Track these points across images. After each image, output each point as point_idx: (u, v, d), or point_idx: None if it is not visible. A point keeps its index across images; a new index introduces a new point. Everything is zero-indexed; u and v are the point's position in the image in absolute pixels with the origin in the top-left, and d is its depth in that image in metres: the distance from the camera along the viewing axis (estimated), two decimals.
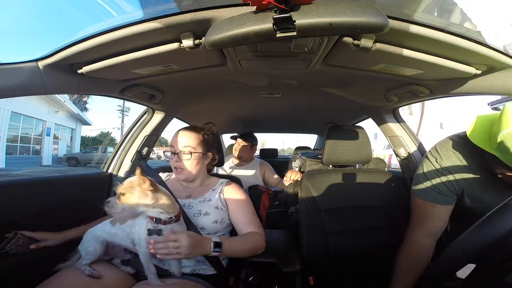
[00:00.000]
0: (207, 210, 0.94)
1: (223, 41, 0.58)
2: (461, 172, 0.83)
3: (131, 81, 1.04)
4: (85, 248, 0.84)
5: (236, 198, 1.00)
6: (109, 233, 0.86)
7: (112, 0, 0.71)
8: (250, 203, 1.03)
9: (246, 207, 1.00)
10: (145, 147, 1.50)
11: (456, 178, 0.83)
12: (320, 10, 0.53)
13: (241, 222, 0.97)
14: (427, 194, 0.87)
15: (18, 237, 0.84)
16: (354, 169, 1.32)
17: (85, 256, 0.82)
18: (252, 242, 0.92)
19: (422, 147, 1.44)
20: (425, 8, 0.67)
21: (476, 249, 0.48)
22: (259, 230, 0.96)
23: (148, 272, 0.79)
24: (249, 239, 0.92)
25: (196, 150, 0.98)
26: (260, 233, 0.96)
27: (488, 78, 0.84)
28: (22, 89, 0.76)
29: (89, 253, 0.83)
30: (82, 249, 0.85)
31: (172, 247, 0.72)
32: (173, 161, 0.98)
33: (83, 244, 0.86)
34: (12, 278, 0.89)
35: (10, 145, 11.95)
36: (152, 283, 0.78)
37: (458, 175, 0.83)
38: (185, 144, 0.97)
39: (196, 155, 0.98)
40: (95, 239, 0.86)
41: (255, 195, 1.83)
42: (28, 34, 12.28)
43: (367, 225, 1.14)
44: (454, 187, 0.84)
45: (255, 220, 0.99)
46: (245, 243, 0.91)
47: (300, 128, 3.06)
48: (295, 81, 1.18)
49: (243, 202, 1.01)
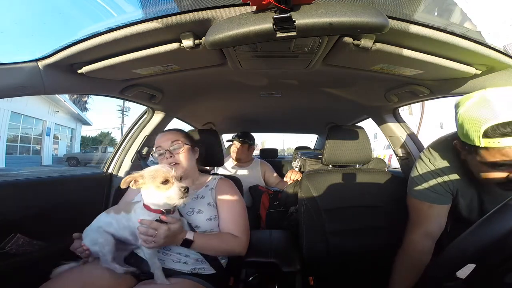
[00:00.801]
0: (200, 208, 0.94)
1: (223, 41, 0.58)
2: (454, 172, 0.84)
3: (131, 81, 1.04)
4: (93, 242, 0.79)
5: (226, 195, 1.01)
6: (104, 222, 0.83)
7: (112, 0, 0.71)
8: (240, 204, 1.02)
9: (235, 207, 0.99)
10: (145, 147, 1.50)
11: (450, 177, 0.84)
12: (320, 10, 0.53)
13: (225, 220, 0.96)
14: (423, 194, 0.87)
15: (18, 237, 0.84)
16: (354, 169, 1.32)
17: (103, 251, 0.78)
18: (228, 247, 0.91)
19: (422, 147, 1.43)
20: (425, 8, 0.67)
21: (476, 249, 0.48)
22: (241, 235, 0.94)
23: (154, 267, 0.78)
24: (226, 242, 0.91)
25: (186, 142, 1.02)
26: (240, 239, 0.94)
27: (488, 78, 0.84)
28: (22, 89, 0.76)
29: (103, 245, 0.79)
30: (91, 245, 0.79)
31: (150, 234, 0.75)
32: (165, 159, 0.98)
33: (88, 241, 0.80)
34: (12, 278, 0.89)
35: (10, 145, 11.95)
36: (158, 281, 0.78)
37: (451, 174, 0.83)
38: (173, 139, 1.00)
39: (187, 147, 1.01)
40: (97, 231, 0.82)
41: (255, 195, 1.83)
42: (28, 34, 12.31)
43: (367, 225, 1.14)
44: (449, 187, 0.85)
45: (241, 222, 0.97)
46: (221, 245, 0.90)
47: (300, 128, 3.06)
48: (295, 81, 1.18)
49: (232, 200, 1.01)
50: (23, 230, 0.90)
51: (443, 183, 0.84)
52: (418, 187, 0.89)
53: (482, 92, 0.67)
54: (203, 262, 0.90)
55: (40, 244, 0.96)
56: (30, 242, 0.92)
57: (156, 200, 0.78)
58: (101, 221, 0.84)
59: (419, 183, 0.88)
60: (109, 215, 0.84)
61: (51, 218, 1.03)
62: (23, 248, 0.85)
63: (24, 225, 0.91)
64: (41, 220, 0.99)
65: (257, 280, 1.05)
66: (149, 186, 0.77)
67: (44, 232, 0.99)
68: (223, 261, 0.96)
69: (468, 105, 0.67)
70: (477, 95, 0.68)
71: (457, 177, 0.83)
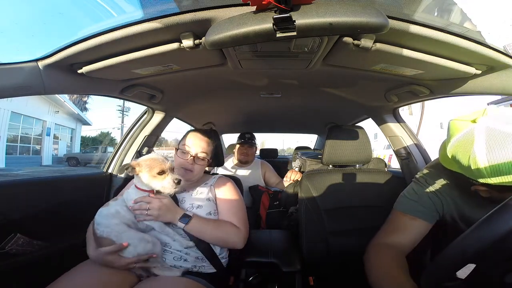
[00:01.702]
0: (199, 203, 0.96)
1: (223, 41, 0.58)
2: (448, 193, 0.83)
3: (131, 81, 1.04)
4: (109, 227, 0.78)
5: (225, 191, 1.03)
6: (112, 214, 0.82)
7: (112, 0, 0.71)
8: (239, 200, 1.04)
9: (233, 201, 1.01)
10: (145, 147, 1.50)
11: (442, 199, 0.83)
12: (320, 10, 0.53)
13: (224, 212, 0.97)
14: (410, 207, 0.85)
15: (18, 237, 0.84)
16: (354, 169, 1.32)
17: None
18: (224, 232, 0.91)
19: (422, 147, 1.44)
20: (425, 8, 0.67)
21: (476, 249, 0.48)
22: (239, 225, 0.95)
23: (169, 235, 0.85)
24: (223, 228, 0.92)
25: (208, 157, 1.04)
26: (239, 228, 0.94)
27: (488, 78, 0.84)
28: (22, 89, 0.76)
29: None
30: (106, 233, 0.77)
31: (144, 208, 0.82)
32: (186, 162, 0.99)
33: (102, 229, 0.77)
34: (12, 278, 0.89)
35: (10, 145, 11.94)
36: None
37: (445, 196, 0.83)
38: (202, 150, 1.02)
39: (207, 161, 1.04)
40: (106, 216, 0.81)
41: (255, 195, 1.84)
42: (28, 34, 12.31)
43: (367, 225, 1.13)
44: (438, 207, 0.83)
45: (240, 215, 0.99)
46: (217, 230, 0.90)
47: (300, 128, 3.06)
48: (295, 81, 1.18)
49: (231, 195, 1.03)
50: (23, 230, 0.90)
51: (434, 202, 0.83)
52: (407, 202, 0.87)
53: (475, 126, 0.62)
54: (203, 260, 0.90)
55: (40, 244, 0.96)
56: (30, 242, 0.92)
57: (150, 187, 0.85)
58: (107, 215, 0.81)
59: (409, 198, 0.87)
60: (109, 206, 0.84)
61: (51, 218, 1.03)
62: (23, 248, 0.85)
63: (24, 225, 0.91)
64: (41, 220, 0.99)
65: (257, 280, 1.05)
66: (144, 174, 0.83)
67: (44, 232, 0.99)
68: (224, 260, 0.96)
69: (455, 140, 0.65)
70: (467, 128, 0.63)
71: (450, 199, 0.82)
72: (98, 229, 0.79)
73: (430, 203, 0.84)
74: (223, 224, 0.93)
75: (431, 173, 0.88)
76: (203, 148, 1.03)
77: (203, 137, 1.06)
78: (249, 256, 1.06)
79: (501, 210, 0.47)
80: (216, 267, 0.91)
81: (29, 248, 0.92)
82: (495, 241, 0.45)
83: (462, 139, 0.63)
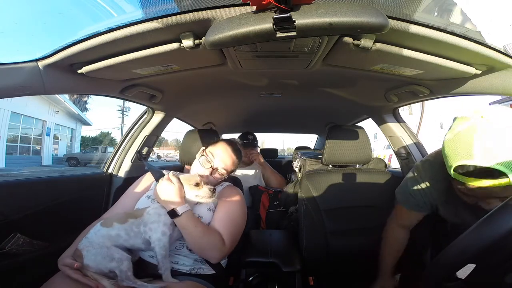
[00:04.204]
0: (199, 213, 0.90)
1: (223, 41, 0.58)
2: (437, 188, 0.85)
3: (131, 81, 1.04)
4: (108, 259, 0.74)
5: (228, 199, 0.97)
6: (110, 237, 0.78)
7: (112, 0, 0.71)
8: (240, 215, 0.96)
9: (232, 212, 0.94)
10: (145, 147, 1.50)
11: (432, 193, 0.87)
12: (320, 10, 0.53)
13: (217, 220, 0.90)
14: (405, 200, 0.94)
15: (18, 237, 0.84)
16: (354, 169, 1.32)
17: (121, 268, 0.74)
18: (207, 243, 0.83)
19: (422, 147, 1.44)
20: (425, 8, 0.67)
21: (476, 249, 0.48)
22: (227, 241, 0.86)
23: (165, 268, 0.80)
24: (209, 237, 0.83)
25: (226, 176, 1.04)
26: (224, 244, 0.85)
27: (488, 78, 0.84)
28: (22, 89, 0.76)
29: (121, 260, 0.75)
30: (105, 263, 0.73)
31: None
32: (206, 170, 0.98)
33: (93, 260, 0.73)
34: (12, 278, 0.89)
35: (10, 145, 11.95)
36: (167, 280, 0.79)
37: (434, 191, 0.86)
38: (224, 167, 1.01)
39: (223, 178, 1.03)
40: (105, 247, 0.76)
41: (255, 195, 1.84)
42: (28, 34, 12.28)
43: (367, 225, 1.14)
44: (430, 201, 0.89)
45: (233, 230, 0.90)
46: (201, 237, 0.82)
47: (300, 128, 3.06)
48: (295, 81, 1.18)
49: (232, 205, 0.96)
50: (23, 230, 0.90)
51: (425, 197, 0.88)
52: (403, 195, 0.96)
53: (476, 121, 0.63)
54: (202, 262, 0.90)
55: (40, 244, 0.96)
56: (30, 242, 0.92)
57: (187, 198, 0.87)
58: (103, 236, 0.78)
59: (404, 190, 0.95)
60: (112, 228, 0.80)
61: (51, 218, 1.03)
62: (23, 248, 0.85)
63: (24, 225, 0.91)
64: (41, 220, 0.99)
65: (257, 280, 1.05)
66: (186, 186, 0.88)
67: (44, 232, 0.99)
68: (223, 262, 0.96)
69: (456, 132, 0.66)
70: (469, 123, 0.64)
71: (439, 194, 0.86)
72: (83, 242, 0.77)
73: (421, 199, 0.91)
74: (212, 232, 0.85)
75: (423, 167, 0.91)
76: (227, 166, 1.01)
77: (233, 155, 1.03)
78: (249, 256, 1.06)
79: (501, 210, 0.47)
80: (215, 269, 0.91)
81: (29, 248, 0.92)
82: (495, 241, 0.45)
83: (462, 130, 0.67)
